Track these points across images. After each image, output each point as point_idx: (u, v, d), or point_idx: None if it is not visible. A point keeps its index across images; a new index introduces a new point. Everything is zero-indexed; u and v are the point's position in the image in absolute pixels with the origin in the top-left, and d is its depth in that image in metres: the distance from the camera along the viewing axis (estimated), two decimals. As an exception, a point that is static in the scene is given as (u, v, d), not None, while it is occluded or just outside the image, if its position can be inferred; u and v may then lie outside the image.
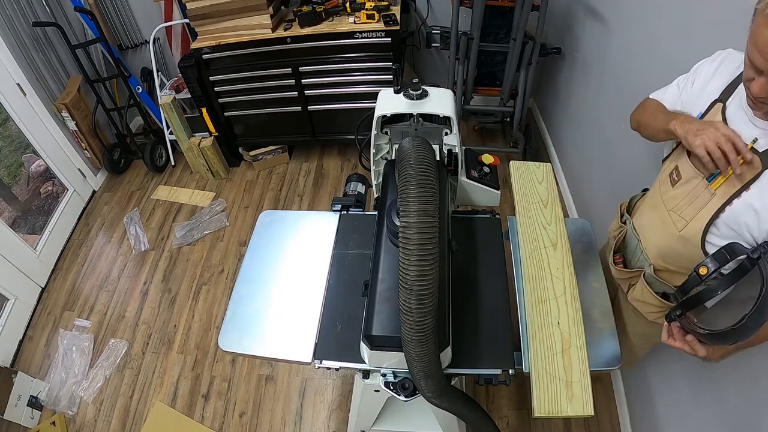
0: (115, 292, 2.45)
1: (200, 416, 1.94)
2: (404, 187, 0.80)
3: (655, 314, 1.18)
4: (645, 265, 1.16)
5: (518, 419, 1.83)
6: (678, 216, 1.01)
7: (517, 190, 1.38)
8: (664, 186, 1.07)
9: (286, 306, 1.22)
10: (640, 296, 1.19)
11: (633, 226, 1.22)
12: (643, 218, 1.19)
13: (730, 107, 0.92)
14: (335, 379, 2.00)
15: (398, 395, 1.06)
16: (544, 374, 1.01)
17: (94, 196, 3.03)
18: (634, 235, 1.21)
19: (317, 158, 3.09)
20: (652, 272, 1.13)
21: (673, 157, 1.07)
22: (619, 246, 1.28)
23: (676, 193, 1.02)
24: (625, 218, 1.28)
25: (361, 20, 2.34)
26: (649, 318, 1.21)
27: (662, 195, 1.07)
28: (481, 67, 2.63)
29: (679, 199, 1.00)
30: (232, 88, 2.62)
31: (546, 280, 1.16)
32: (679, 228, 1.00)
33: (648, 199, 1.19)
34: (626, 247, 1.26)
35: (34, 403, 1.98)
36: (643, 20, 1.69)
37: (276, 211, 1.49)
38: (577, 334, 1.06)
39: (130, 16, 3.01)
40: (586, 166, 2.36)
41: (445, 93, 1.25)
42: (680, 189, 1.01)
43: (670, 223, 1.03)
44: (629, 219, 1.25)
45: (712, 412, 1.24)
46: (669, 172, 1.05)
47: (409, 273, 0.78)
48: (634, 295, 1.21)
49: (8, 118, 2.46)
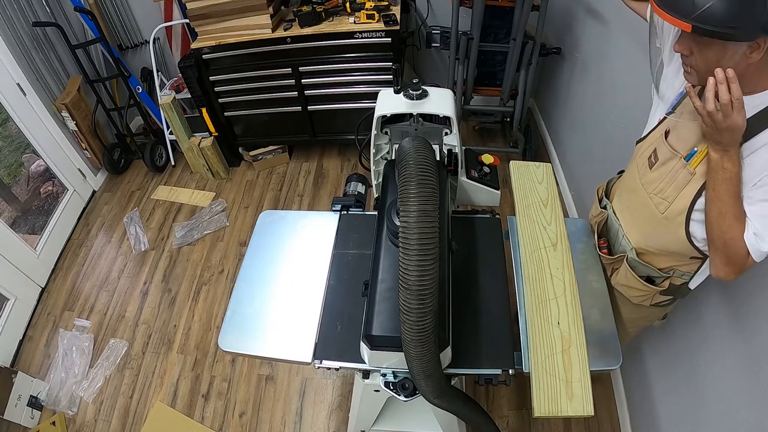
0: (115, 292, 2.45)
1: (200, 416, 1.94)
2: (404, 187, 0.80)
3: (640, 297, 1.20)
4: (627, 249, 1.17)
5: (518, 419, 1.83)
6: (660, 198, 1.01)
7: (517, 190, 1.38)
8: (642, 169, 1.08)
9: (286, 306, 1.22)
10: (624, 281, 1.21)
11: (613, 210, 1.23)
12: (622, 202, 1.20)
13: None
14: (335, 379, 2.00)
15: (398, 395, 1.06)
16: (544, 374, 1.01)
17: (94, 196, 3.03)
18: (615, 219, 1.22)
19: (317, 158, 3.09)
20: (635, 256, 1.15)
21: (649, 140, 1.08)
22: (601, 230, 1.29)
23: (654, 175, 1.03)
24: (604, 203, 1.29)
25: (361, 20, 2.34)
26: (633, 301, 1.23)
27: (641, 178, 1.08)
28: (481, 67, 2.63)
29: (659, 181, 1.01)
30: (232, 88, 2.62)
31: (546, 280, 1.16)
32: (662, 210, 1.01)
33: (626, 183, 1.19)
34: (608, 231, 1.28)
35: (34, 403, 1.98)
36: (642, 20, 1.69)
37: (276, 211, 1.49)
38: (577, 334, 1.06)
39: (130, 16, 3.01)
40: (586, 166, 2.36)
41: (445, 93, 1.26)
42: (658, 171, 1.02)
43: (651, 206, 1.04)
44: (609, 203, 1.26)
45: (712, 412, 1.24)
46: (648, 156, 1.06)
47: (409, 273, 0.78)
48: (618, 280, 1.23)
49: (8, 118, 2.46)
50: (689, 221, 0.96)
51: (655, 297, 1.18)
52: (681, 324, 1.40)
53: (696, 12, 0.71)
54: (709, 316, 1.27)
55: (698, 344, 1.33)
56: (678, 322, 1.41)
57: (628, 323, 1.33)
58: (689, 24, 0.71)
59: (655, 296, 1.17)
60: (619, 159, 1.92)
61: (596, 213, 1.33)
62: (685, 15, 0.72)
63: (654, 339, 1.58)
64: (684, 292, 1.15)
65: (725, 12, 0.70)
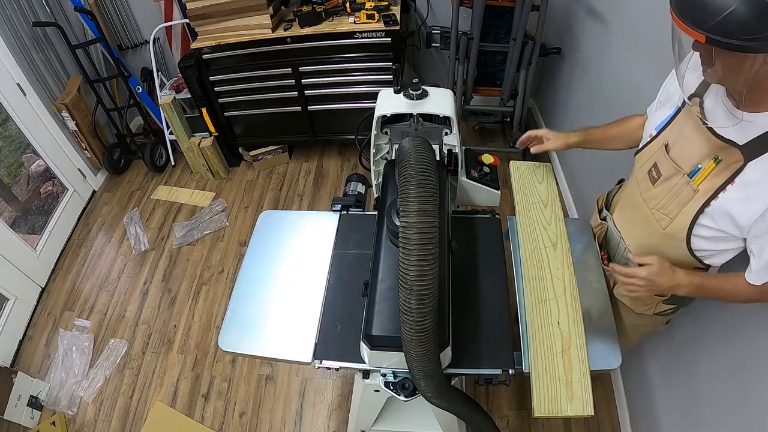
0: (115, 292, 2.45)
1: (200, 416, 1.94)
2: (404, 187, 0.80)
3: (642, 307, 1.20)
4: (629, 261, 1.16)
5: (518, 419, 1.83)
6: (662, 214, 1.01)
7: (517, 190, 1.38)
8: (643, 184, 1.07)
9: (286, 306, 1.22)
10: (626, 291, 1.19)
11: (614, 223, 1.23)
12: (624, 216, 1.20)
13: (707, 100, 0.92)
14: (335, 379, 2.00)
15: (398, 395, 1.06)
16: (544, 374, 1.01)
17: (94, 196, 3.03)
18: (615, 231, 1.21)
19: (317, 158, 3.09)
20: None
21: (648, 152, 1.06)
22: (601, 242, 1.29)
23: (657, 191, 1.02)
24: (604, 214, 1.29)
25: (361, 20, 2.34)
26: (636, 310, 1.23)
27: (642, 194, 1.07)
28: (481, 67, 2.63)
29: (661, 197, 1.01)
30: (232, 88, 2.62)
31: (546, 280, 1.16)
32: (663, 226, 1.01)
33: (627, 197, 1.19)
34: (608, 242, 1.27)
35: (34, 403, 1.98)
36: (643, 20, 1.69)
37: (276, 211, 1.49)
38: (577, 334, 1.06)
39: (130, 16, 3.01)
40: (586, 166, 2.35)
41: (445, 93, 1.25)
42: (661, 187, 1.01)
43: (653, 222, 1.04)
44: (609, 215, 1.26)
45: (713, 412, 1.24)
46: (647, 170, 1.05)
47: (409, 273, 0.78)
48: (620, 290, 1.23)
49: (8, 118, 2.46)
50: (690, 238, 0.96)
51: (658, 306, 1.17)
52: (681, 325, 1.40)
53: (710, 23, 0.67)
54: (709, 317, 1.27)
55: (698, 344, 1.33)
56: (678, 322, 1.40)
57: (631, 330, 1.32)
58: (703, 35, 0.68)
59: (658, 305, 1.17)
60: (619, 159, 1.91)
61: (596, 224, 1.33)
62: (700, 25, 0.69)
63: (654, 339, 1.57)
64: (687, 301, 1.14)
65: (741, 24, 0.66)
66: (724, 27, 0.67)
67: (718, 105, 0.88)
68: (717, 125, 0.87)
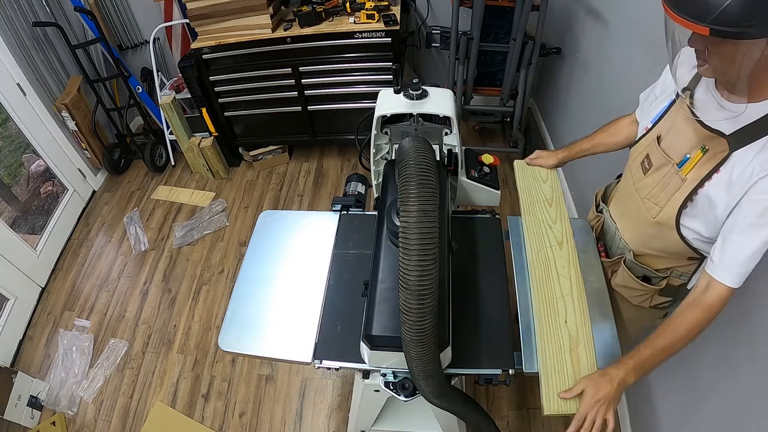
0: (115, 292, 2.45)
1: (200, 416, 1.94)
2: (404, 187, 0.80)
3: (639, 298, 1.21)
4: (625, 251, 1.18)
5: (518, 419, 1.83)
6: (652, 203, 1.03)
7: (521, 188, 1.37)
8: (636, 175, 1.09)
9: (286, 306, 1.22)
10: (622, 282, 1.21)
11: (610, 215, 1.24)
12: (619, 208, 1.22)
13: (698, 92, 0.93)
14: (335, 379, 2.00)
15: (398, 395, 1.06)
16: (553, 372, 1.01)
17: (94, 196, 3.03)
18: (611, 223, 1.23)
19: (317, 158, 3.09)
20: (632, 258, 1.16)
21: (642, 144, 1.08)
22: (598, 234, 1.31)
23: (648, 181, 1.04)
24: (601, 207, 1.31)
25: (361, 20, 2.34)
26: (633, 302, 1.23)
27: (635, 183, 1.09)
28: (481, 67, 2.63)
29: (652, 186, 1.03)
30: (232, 88, 2.62)
31: (552, 278, 1.16)
32: (654, 215, 1.02)
33: (622, 189, 1.21)
34: (605, 234, 1.29)
35: (34, 403, 1.98)
36: (642, 20, 1.69)
37: (276, 211, 1.49)
38: (585, 332, 1.06)
39: (130, 16, 3.01)
40: (587, 166, 2.35)
41: (445, 93, 1.25)
42: (652, 177, 1.03)
43: (644, 210, 1.05)
44: (605, 208, 1.28)
45: (712, 412, 1.24)
46: (641, 161, 1.07)
47: (409, 273, 0.78)
48: (617, 281, 1.24)
49: (8, 118, 2.46)
50: (679, 225, 0.98)
51: (655, 298, 1.18)
52: (681, 324, 1.40)
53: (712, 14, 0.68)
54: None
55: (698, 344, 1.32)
56: (678, 322, 1.40)
57: (629, 323, 1.33)
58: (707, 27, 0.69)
59: (654, 297, 1.18)
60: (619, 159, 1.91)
61: (592, 217, 1.35)
62: (702, 18, 0.69)
63: (654, 339, 1.57)
64: (683, 294, 1.15)
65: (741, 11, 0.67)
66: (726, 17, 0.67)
67: (708, 97, 0.90)
68: (707, 118, 0.88)
